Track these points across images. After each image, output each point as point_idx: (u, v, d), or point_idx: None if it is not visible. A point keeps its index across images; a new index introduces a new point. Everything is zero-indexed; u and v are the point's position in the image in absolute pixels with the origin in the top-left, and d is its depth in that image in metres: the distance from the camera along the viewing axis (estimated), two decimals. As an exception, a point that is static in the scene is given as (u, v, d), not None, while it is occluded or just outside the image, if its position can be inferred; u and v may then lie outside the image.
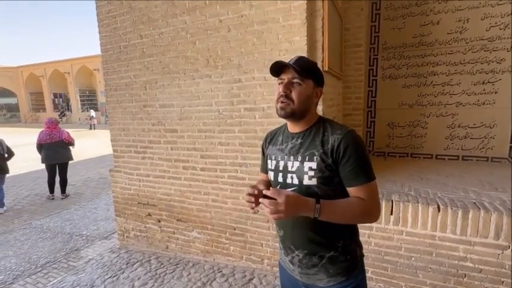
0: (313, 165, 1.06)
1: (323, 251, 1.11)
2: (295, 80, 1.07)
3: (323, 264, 1.12)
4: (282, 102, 1.08)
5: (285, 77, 1.08)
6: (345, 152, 1.03)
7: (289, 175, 1.12)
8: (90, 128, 20.68)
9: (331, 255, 1.12)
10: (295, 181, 1.09)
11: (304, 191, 1.06)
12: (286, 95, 1.07)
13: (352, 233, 1.18)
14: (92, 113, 21.70)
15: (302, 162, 1.09)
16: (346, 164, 1.04)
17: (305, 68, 1.07)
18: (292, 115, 1.08)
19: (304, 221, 1.09)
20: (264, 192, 0.95)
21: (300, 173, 1.08)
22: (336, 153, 1.04)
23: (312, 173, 1.06)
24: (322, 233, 1.10)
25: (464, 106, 3.28)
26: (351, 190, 1.06)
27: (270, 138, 1.29)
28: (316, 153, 1.06)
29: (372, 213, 1.06)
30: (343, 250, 1.13)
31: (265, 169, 1.31)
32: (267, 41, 2.39)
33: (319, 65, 2.36)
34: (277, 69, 1.09)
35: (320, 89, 1.14)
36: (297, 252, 1.15)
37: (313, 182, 1.06)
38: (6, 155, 5.04)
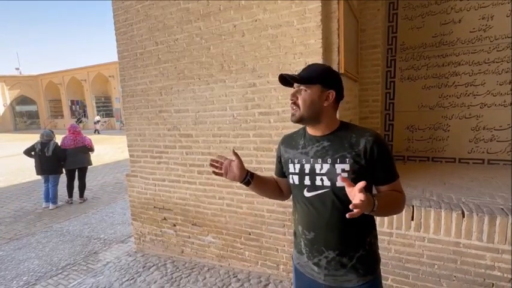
0: (346, 167, 1.09)
1: (353, 250, 1.14)
2: (301, 87, 1.13)
3: (353, 264, 1.14)
4: (292, 109, 1.15)
5: (296, 85, 1.14)
6: (379, 153, 1.09)
7: (318, 177, 1.14)
8: (94, 133, 21.08)
9: (360, 254, 1.15)
10: (327, 183, 1.12)
11: (337, 191, 1.11)
12: (294, 102, 1.13)
13: (375, 229, 1.24)
14: (97, 117, 22.33)
15: (333, 164, 1.11)
16: (381, 164, 1.11)
17: (307, 76, 1.11)
18: (301, 120, 1.14)
19: (338, 220, 1.12)
20: (359, 187, 0.92)
21: (331, 175, 1.11)
22: (369, 154, 1.09)
23: (345, 175, 1.09)
24: (355, 231, 1.14)
25: (489, 107, 3.13)
26: (384, 187, 1.15)
27: (288, 142, 1.29)
28: (348, 155, 1.10)
29: (404, 204, 1.18)
30: (369, 248, 1.18)
31: (280, 173, 1.34)
32: (282, 44, 2.38)
33: (335, 67, 2.32)
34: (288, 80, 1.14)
35: (331, 92, 1.13)
36: (326, 253, 1.15)
37: None
38: (54, 157, 5.30)
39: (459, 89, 3.22)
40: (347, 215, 0.89)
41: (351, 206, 0.89)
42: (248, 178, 1.24)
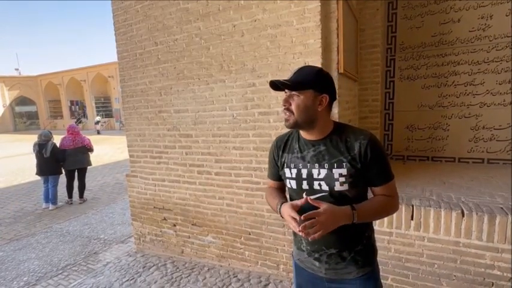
0: (343, 171, 1.10)
1: (353, 245, 1.18)
2: (293, 93, 1.11)
3: (352, 256, 1.17)
4: (285, 114, 1.15)
5: (288, 90, 1.13)
6: (372, 155, 1.10)
7: (315, 182, 1.14)
8: (98, 133, 21.08)
9: (359, 248, 1.18)
10: (325, 187, 1.13)
11: (336, 195, 1.12)
12: (287, 108, 1.13)
13: (371, 222, 1.27)
14: (97, 118, 22.31)
15: (330, 169, 1.12)
16: (374, 166, 1.11)
17: (299, 81, 1.09)
18: (296, 126, 1.14)
19: None
20: (301, 218, 1.00)
21: (329, 180, 1.12)
22: (363, 157, 1.10)
23: (343, 179, 1.10)
24: (353, 229, 1.14)
25: (489, 107, 3.13)
26: (377, 189, 1.16)
27: (283, 146, 1.28)
28: (345, 160, 1.11)
29: (397, 207, 1.20)
30: (368, 241, 1.22)
31: (276, 176, 1.33)
32: (281, 44, 2.38)
33: (334, 67, 2.32)
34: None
35: (324, 96, 1.12)
36: (326, 250, 1.18)
37: (345, 187, 1.11)
38: (52, 158, 5.30)
39: (458, 89, 3.22)
40: (309, 239, 0.99)
41: (303, 235, 0.99)
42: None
